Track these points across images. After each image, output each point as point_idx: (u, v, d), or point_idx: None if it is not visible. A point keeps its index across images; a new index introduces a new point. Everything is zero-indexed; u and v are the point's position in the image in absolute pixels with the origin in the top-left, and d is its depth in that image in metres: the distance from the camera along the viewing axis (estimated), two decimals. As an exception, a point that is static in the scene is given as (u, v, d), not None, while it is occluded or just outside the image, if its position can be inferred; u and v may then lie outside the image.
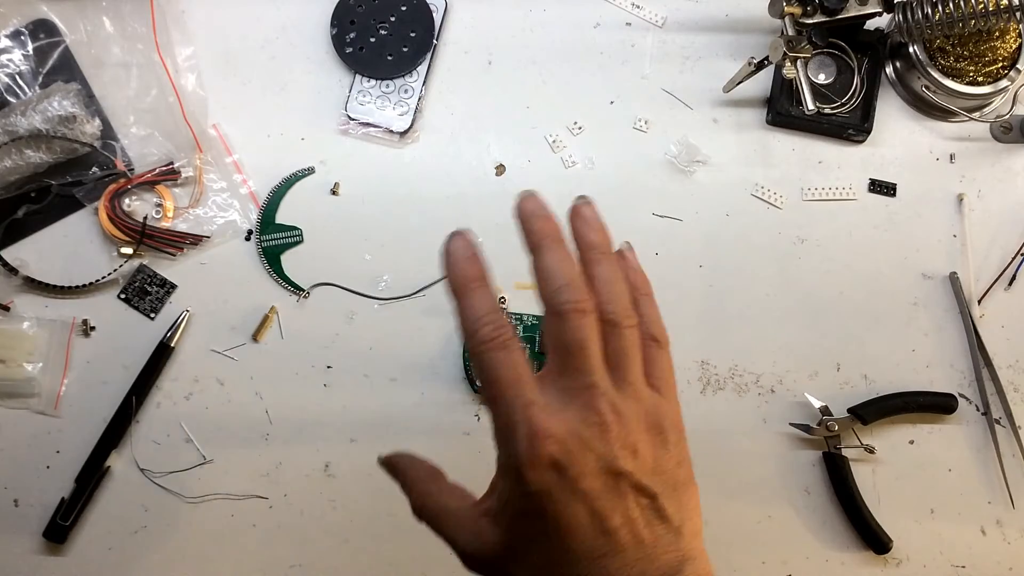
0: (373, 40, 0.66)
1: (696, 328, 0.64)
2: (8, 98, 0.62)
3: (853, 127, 0.67)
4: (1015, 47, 0.66)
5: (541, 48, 0.68)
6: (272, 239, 0.63)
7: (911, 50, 0.66)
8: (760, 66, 0.63)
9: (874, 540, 0.61)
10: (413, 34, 0.66)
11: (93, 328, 0.61)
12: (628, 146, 0.67)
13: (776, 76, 0.67)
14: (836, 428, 0.62)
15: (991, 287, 0.66)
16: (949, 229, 0.67)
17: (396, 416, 0.61)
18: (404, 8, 0.67)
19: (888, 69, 0.69)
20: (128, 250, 0.61)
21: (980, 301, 0.66)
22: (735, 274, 0.65)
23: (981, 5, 0.62)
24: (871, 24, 0.66)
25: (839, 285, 0.66)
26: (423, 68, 0.66)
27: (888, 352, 0.65)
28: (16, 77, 0.62)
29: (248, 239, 0.63)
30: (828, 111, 0.67)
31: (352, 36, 0.66)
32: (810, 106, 0.61)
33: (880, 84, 0.67)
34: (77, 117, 0.60)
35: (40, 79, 0.63)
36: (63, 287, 0.61)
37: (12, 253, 0.61)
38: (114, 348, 0.61)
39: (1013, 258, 0.66)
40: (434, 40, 0.67)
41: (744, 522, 0.62)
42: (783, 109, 0.66)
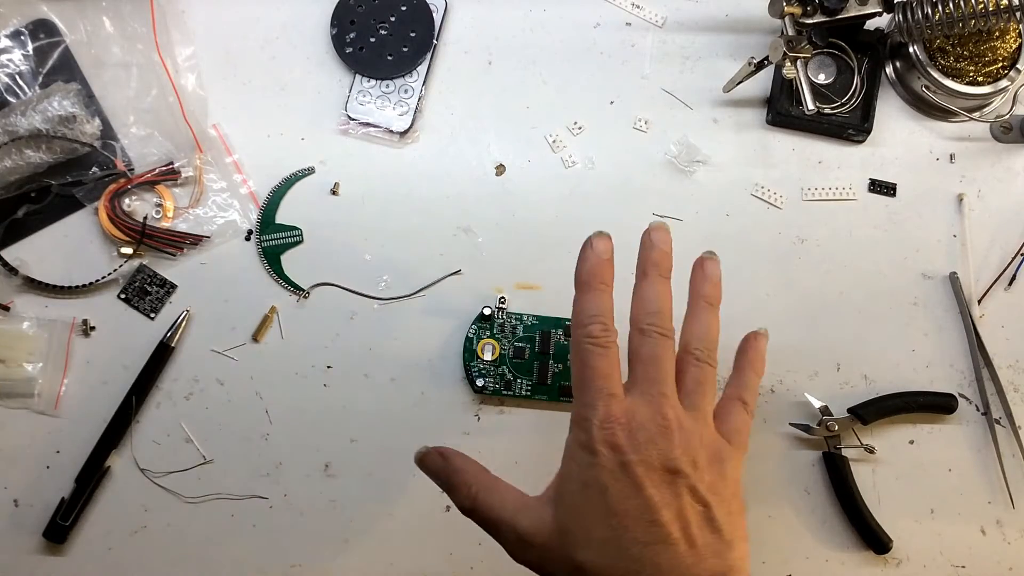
0: (373, 40, 0.66)
1: (696, 328, 0.64)
2: (8, 98, 0.62)
3: (853, 127, 0.67)
4: (1015, 47, 0.66)
5: (541, 48, 0.68)
6: (272, 239, 0.63)
7: (911, 50, 0.66)
8: (760, 66, 0.63)
9: (874, 540, 0.61)
10: (413, 34, 0.66)
11: (93, 328, 0.61)
12: (628, 146, 0.67)
13: (776, 76, 0.67)
14: (836, 428, 0.62)
15: (991, 287, 0.66)
16: (949, 229, 0.67)
17: (396, 416, 0.62)
18: (404, 8, 0.67)
19: (888, 69, 0.69)
20: (128, 250, 0.61)
21: (980, 301, 0.66)
22: (735, 274, 0.65)
23: (981, 5, 0.62)
24: (871, 24, 0.66)
25: (839, 285, 0.66)
26: (423, 68, 0.66)
27: (888, 352, 0.65)
28: (16, 77, 0.62)
29: (248, 239, 0.63)
30: (828, 111, 0.67)
31: (352, 36, 0.66)
32: (810, 106, 0.61)
33: (880, 84, 0.67)
34: (77, 117, 0.60)
35: (40, 79, 0.63)
36: (63, 287, 0.61)
37: (12, 253, 0.61)
38: (114, 348, 0.61)
39: (1013, 258, 0.66)
40: (434, 40, 0.67)
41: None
42: (783, 109, 0.66)
